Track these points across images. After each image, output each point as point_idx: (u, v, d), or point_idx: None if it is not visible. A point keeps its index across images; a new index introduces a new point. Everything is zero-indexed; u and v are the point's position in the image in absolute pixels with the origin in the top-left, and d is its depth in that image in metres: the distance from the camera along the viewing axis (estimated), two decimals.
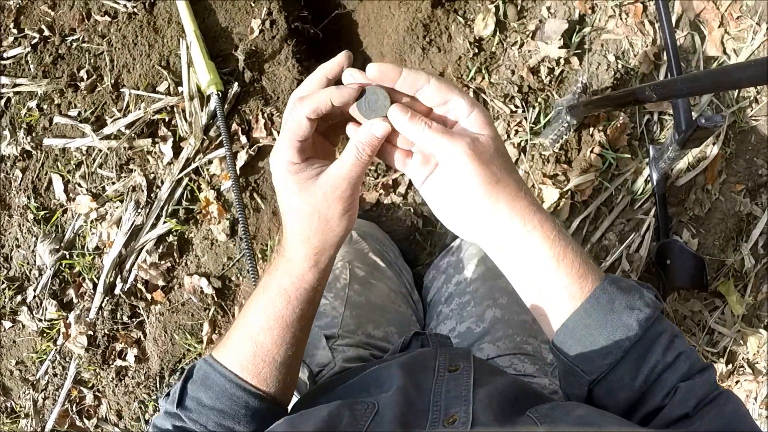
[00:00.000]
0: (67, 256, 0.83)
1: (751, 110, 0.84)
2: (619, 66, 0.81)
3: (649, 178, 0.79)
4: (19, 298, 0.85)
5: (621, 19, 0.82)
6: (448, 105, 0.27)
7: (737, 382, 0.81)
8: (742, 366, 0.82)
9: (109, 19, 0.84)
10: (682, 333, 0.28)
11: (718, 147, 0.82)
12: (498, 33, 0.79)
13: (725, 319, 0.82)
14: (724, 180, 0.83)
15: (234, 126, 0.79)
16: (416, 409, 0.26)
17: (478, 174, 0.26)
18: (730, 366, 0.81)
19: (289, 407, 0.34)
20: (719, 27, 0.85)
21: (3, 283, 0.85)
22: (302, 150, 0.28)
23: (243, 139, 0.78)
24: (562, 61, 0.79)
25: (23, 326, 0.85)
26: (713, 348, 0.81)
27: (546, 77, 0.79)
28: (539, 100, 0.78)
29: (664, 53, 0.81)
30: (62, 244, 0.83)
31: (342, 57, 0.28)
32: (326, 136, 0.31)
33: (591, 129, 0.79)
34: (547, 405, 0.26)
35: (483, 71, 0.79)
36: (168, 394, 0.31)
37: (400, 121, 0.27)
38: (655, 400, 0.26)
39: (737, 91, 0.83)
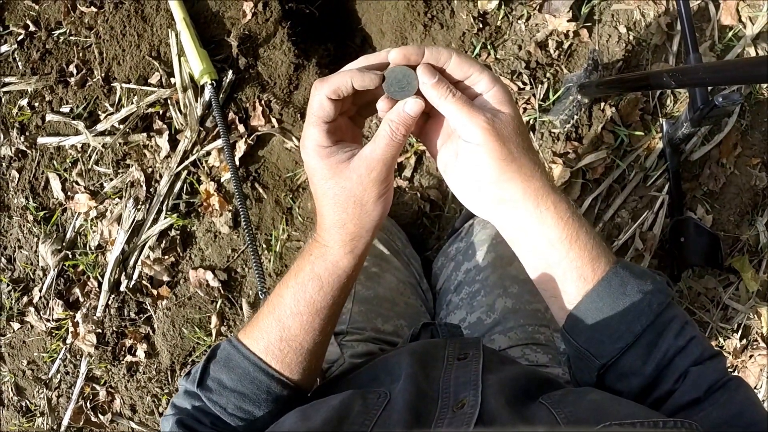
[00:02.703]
0: (70, 256, 0.82)
1: None
2: (631, 37, 0.77)
3: (662, 154, 0.77)
4: (25, 299, 0.84)
5: None
6: (469, 80, 0.27)
7: (751, 356, 0.80)
8: (756, 340, 0.81)
9: (95, 9, 0.81)
10: (692, 320, 0.28)
11: (734, 120, 0.79)
12: (503, 6, 0.76)
13: (739, 295, 0.80)
14: (740, 153, 0.81)
15: (231, 115, 0.77)
16: (427, 397, 0.26)
17: (494, 150, 0.25)
18: (744, 341, 0.80)
19: None
20: None
21: (8, 285, 0.84)
22: (331, 132, 0.27)
23: (241, 128, 0.76)
24: (571, 35, 0.76)
25: (32, 327, 0.85)
26: (727, 324, 0.80)
27: (554, 52, 0.76)
28: (548, 75, 0.75)
29: (678, 23, 0.77)
30: (64, 244, 0.83)
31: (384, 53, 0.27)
32: (353, 119, 0.30)
33: (602, 104, 0.76)
34: (559, 391, 0.26)
35: (488, 47, 0.76)
36: (189, 374, 0.30)
37: (425, 83, 0.26)
38: (666, 385, 0.25)
39: None
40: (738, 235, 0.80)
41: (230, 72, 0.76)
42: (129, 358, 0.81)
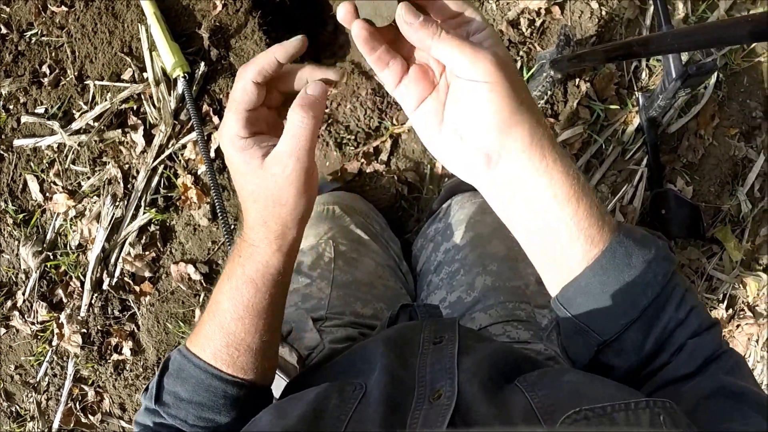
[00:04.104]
0: (51, 257, 0.81)
1: (743, 51, 0.81)
2: (603, 13, 0.77)
3: (639, 128, 0.77)
4: (9, 303, 0.84)
5: None
6: (460, 19, 0.24)
7: (738, 326, 0.80)
8: (743, 310, 0.81)
9: (65, 9, 0.81)
10: (691, 285, 0.27)
11: (710, 91, 0.79)
12: None
13: (723, 265, 0.80)
14: (717, 124, 0.81)
15: (205, 107, 0.76)
16: (404, 386, 0.25)
17: (506, 87, 0.22)
18: (730, 311, 0.80)
19: (279, 392, 0.33)
20: None
21: None
22: (250, 123, 0.26)
23: (215, 119, 0.76)
24: (542, 12, 0.76)
25: (17, 331, 0.84)
26: (713, 294, 0.80)
27: (527, 30, 0.76)
28: (521, 54, 0.75)
29: None
30: (45, 245, 0.82)
31: (296, 41, 0.26)
32: (280, 112, 0.28)
33: (577, 80, 0.76)
34: (536, 372, 0.25)
35: None
36: (147, 389, 0.30)
37: (411, 24, 0.23)
38: (662, 358, 0.25)
39: None
40: (719, 206, 0.80)
41: (202, 64, 0.75)
42: (115, 356, 0.81)
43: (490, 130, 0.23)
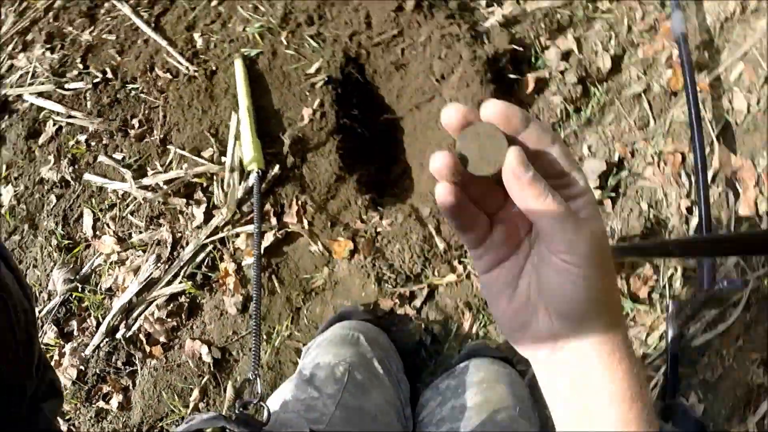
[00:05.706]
0: (80, 289, 0.84)
1: None
2: (651, 215, 0.81)
3: (663, 335, 0.78)
4: None
5: (659, 167, 0.84)
6: (564, 180, 0.21)
7: None
8: None
9: (170, 76, 0.89)
10: None
11: (738, 311, 0.81)
12: None
13: None
14: (740, 347, 0.82)
15: (267, 206, 0.81)
16: None
17: (597, 275, 0.19)
18: None
19: None
20: (754, 186, 0.86)
21: None
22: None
23: (273, 220, 0.80)
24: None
25: None
26: None
27: None
28: None
29: (697, 208, 0.82)
30: (77, 276, 0.85)
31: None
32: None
33: None
34: None
35: None
36: None
37: (519, 177, 0.19)
38: None
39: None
40: (727, 430, 0.79)
41: (277, 167, 0.81)
42: (101, 403, 0.81)
43: (569, 315, 0.21)
